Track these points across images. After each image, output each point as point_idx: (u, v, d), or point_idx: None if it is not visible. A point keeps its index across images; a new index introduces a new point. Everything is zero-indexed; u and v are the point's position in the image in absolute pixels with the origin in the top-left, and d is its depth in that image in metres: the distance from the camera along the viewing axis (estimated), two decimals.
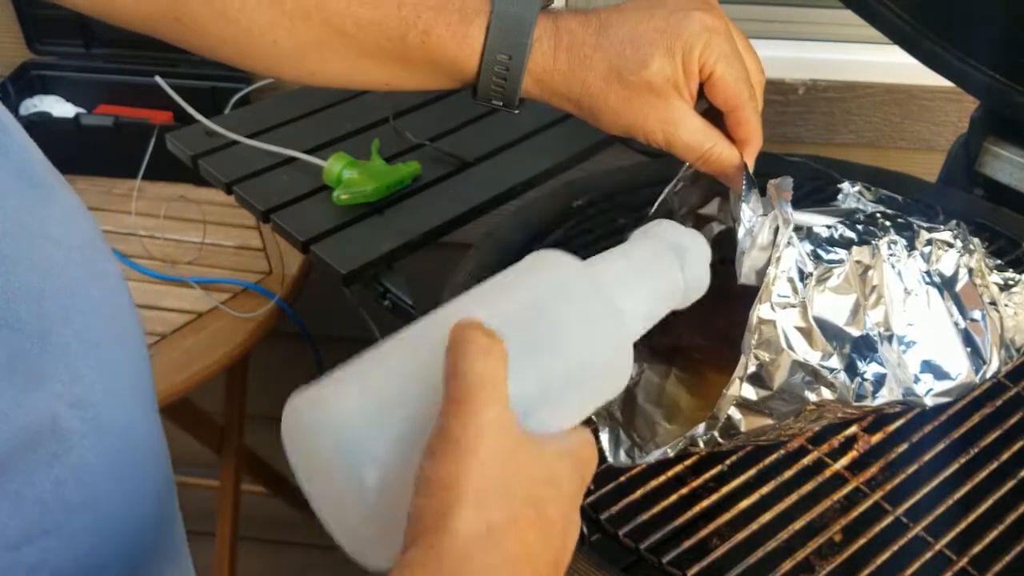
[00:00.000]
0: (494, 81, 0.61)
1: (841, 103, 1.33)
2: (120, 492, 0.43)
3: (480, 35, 0.59)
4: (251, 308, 1.17)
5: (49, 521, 0.38)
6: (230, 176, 0.98)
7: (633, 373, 0.70)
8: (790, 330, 0.60)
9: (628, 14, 0.60)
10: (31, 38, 1.37)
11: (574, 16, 0.61)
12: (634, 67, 0.59)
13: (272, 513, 1.83)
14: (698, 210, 0.74)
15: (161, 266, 1.21)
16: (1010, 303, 0.71)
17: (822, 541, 0.65)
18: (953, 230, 0.71)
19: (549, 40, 0.60)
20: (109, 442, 0.41)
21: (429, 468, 0.36)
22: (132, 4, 0.60)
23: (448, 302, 0.44)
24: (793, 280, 0.60)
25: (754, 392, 0.60)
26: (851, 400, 0.63)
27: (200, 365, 1.11)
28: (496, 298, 0.45)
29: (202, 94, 1.29)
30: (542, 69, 0.61)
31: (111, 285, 0.46)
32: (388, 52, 0.60)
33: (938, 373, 0.66)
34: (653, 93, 0.59)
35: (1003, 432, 0.71)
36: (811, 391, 0.61)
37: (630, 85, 0.59)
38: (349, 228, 0.93)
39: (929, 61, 0.95)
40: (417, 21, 0.59)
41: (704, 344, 0.74)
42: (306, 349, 1.40)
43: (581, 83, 0.60)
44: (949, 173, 1.05)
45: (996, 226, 0.92)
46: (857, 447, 0.70)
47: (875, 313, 0.64)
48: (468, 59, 0.60)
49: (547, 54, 0.60)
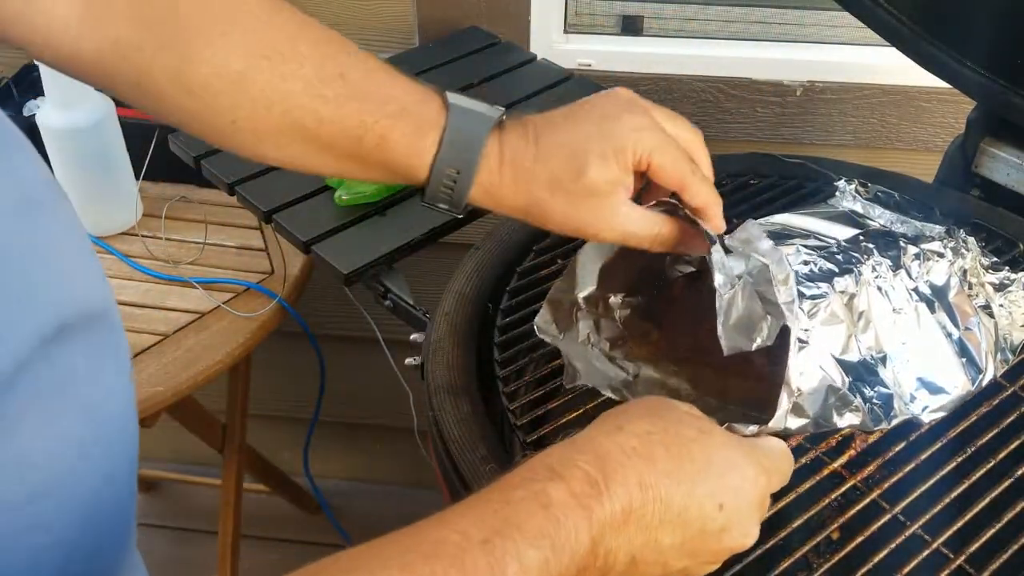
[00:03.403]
0: (442, 190, 0.64)
1: (838, 104, 1.34)
2: (101, 460, 0.45)
3: (433, 148, 0.62)
4: (253, 308, 1.18)
5: (43, 485, 0.40)
6: (232, 177, 0.99)
7: (631, 370, 0.71)
8: (824, 356, 0.62)
9: (560, 124, 0.64)
10: None
11: (513, 128, 0.64)
12: (573, 176, 0.62)
13: (274, 511, 1.83)
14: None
15: (163, 266, 1.21)
16: (1005, 302, 0.72)
17: (820, 539, 0.65)
18: (943, 238, 0.72)
19: (496, 156, 0.63)
20: (92, 415, 0.44)
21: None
22: (96, 65, 0.62)
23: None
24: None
25: (794, 422, 0.61)
26: (870, 426, 0.64)
27: (203, 364, 1.12)
28: None
29: None
30: (488, 183, 0.64)
31: (99, 283, 0.47)
32: (344, 149, 0.63)
33: (932, 388, 0.67)
34: (595, 196, 0.62)
35: (1000, 431, 0.72)
36: (839, 416, 0.62)
37: (572, 192, 0.62)
38: (350, 228, 0.93)
39: (926, 63, 0.95)
40: (375, 126, 0.62)
41: (704, 344, 0.75)
42: (308, 349, 1.41)
43: (526, 194, 0.63)
44: (946, 174, 1.05)
45: (993, 226, 0.92)
46: (855, 446, 0.70)
47: (866, 337, 0.66)
48: (419, 167, 0.63)
49: (493, 169, 0.63)
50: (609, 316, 0.73)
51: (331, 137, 0.63)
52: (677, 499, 0.49)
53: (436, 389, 0.77)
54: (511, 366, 0.80)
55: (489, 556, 0.43)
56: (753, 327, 0.60)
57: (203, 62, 0.61)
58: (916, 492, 0.67)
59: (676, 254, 0.70)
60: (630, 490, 0.48)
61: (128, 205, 1.27)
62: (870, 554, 0.63)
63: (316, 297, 1.53)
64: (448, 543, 0.43)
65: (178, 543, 1.81)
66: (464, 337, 0.82)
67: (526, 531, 0.44)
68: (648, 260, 0.70)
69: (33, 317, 0.40)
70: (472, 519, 0.45)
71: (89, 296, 0.46)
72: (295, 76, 0.61)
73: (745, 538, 0.53)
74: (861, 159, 1.07)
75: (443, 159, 0.62)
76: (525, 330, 0.82)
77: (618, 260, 0.71)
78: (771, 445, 0.56)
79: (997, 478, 0.68)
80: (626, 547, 0.48)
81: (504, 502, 0.46)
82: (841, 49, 1.34)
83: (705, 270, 0.73)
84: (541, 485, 0.47)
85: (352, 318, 1.51)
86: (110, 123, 1.20)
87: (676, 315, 0.75)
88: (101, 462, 0.45)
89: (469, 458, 0.72)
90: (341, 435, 1.86)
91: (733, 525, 0.51)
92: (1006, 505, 0.67)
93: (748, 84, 1.33)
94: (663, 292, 0.76)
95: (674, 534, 0.49)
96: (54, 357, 0.41)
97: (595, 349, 0.72)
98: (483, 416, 0.75)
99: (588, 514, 0.46)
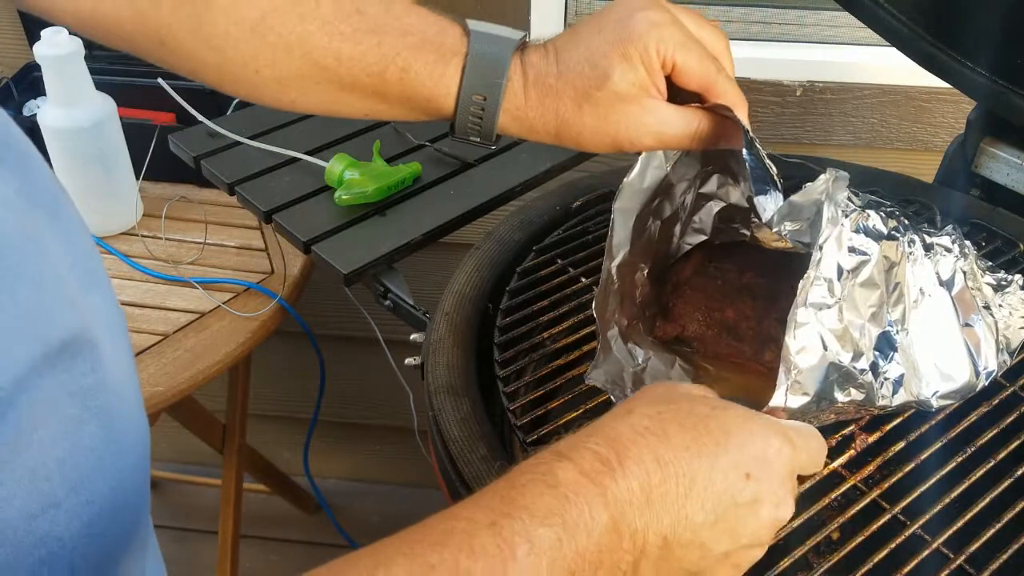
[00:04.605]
0: (471, 120, 0.63)
1: (838, 104, 1.34)
2: (113, 470, 0.45)
3: (456, 75, 0.61)
4: (253, 308, 1.18)
5: (54, 495, 0.40)
6: (232, 177, 0.99)
7: (640, 359, 0.71)
8: (825, 332, 0.59)
9: (578, 35, 0.62)
10: (34, 39, 1.37)
11: (534, 50, 0.63)
12: (598, 83, 0.60)
13: (274, 511, 1.84)
14: (699, 189, 0.74)
15: (163, 266, 1.21)
16: (1004, 304, 0.72)
17: (820, 539, 0.65)
18: (951, 234, 0.72)
19: (519, 78, 0.62)
20: (107, 426, 0.44)
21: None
22: (117, 26, 0.61)
23: None
24: (831, 281, 0.60)
25: (795, 400, 0.59)
26: (876, 401, 0.62)
27: (203, 364, 1.12)
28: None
29: (204, 96, 1.29)
30: (516, 107, 0.62)
31: (106, 291, 0.47)
32: (367, 86, 0.62)
33: (943, 375, 0.67)
34: (624, 102, 0.61)
35: (1000, 431, 0.72)
36: (841, 392, 0.60)
37: (600, 101, 0.61)
38: (350, 228, 0.93)
39: (926, 63, 0.95)
40: (396, 59, 0.61)
41: (709, 335, 0.75)
42: (308, 348, 1.41)
43: (555, 113, 0.62)
44: (946, 174, 1.05)
45: (993, 226, 0.92)
46: (855, 446, 0.70)
47: (895, 311, 0.64)
48: (445, 98, 0.62)
49: (518, 92, 0.62)
50: (631, 296, 0.73)
51: (352, 76, 0.62)
52: (701, 472, 0.46)
53: (436, 389, 0.77)
54: (511, 366, 0.80)
55: (497, 537, 0.41)
56: (800, 215, 0.59)
57: (220, 12, 0.61)
58: (916, 492, 0.67)
59: (685, 227, 0.68)
60: (647, 467, 0.45)
61: (128, 205, 1.27)
62: (870, 554, 0.63)
63: (316, 297, 1.53)
64: (455, 531, 0.41)
65: (178, 543, 1.81)
66: (464, 337, 0.82)
67: (535, 511, 0.42)
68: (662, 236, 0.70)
69: (47, 326, 0.40)
70: (478, 506, 0.43)
71: (101, 304, 0.46)
72: (312, 16, 0.61)
73: (780, 509, 0.49)
74: (861, 159, 1.07)
75: (468, 86, 0.61)
76: (525, 330, 0.83)
77: (645, 215, 0.71)
78: (799, 423, 0.54)
79: (997, 478, 0.68)
80: (655, 527, 0.45)
81: (510, 487, 0.44)
82: (841, 49, 1.34)
83: (717, 233, 0.73)
84: (547, 467, 0.45)
85: (352, 318, 1.51)
86: (110, 123, 1.20)
87: (685, 304, 0.75)
88: (113, 470, 0.45)
89: (469, 458, 0.72)
90: (341, 435, 1.86)
91: (765, 495, 0.48)
92: (1006, 505, 0.67)
93: (748, 84, 1.33)
94: (672, 276, 0.76)
95: (705, 510, 0.46)
96: (69, 366, 0.41)
97: (616, 329, 0.71)
98: (483, 416, 0.75)
99: (601, 491, 0.44)
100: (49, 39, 1.14)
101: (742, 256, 0.78)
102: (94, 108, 1.18)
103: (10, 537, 0.38)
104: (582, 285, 0.87)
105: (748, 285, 0.77)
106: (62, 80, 1.15)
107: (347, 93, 0.63)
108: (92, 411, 0.42)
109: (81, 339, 0.42)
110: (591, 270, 0.88)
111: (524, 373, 0.82)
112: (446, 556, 0.40)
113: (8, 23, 1.39)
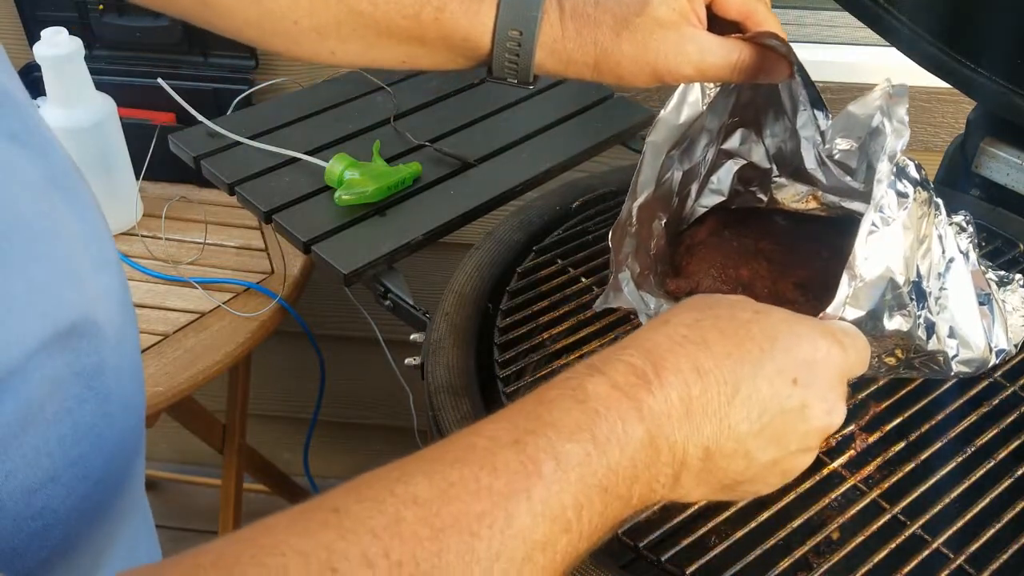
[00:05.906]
0: (507, 57, 0.62)
1: (839, 104, 1.33)
2: (109, 446, 0.45)
3: (491, 12, 0.61)
4: (253, 308, 1.18)
5: (54, 471, 0.41)
6: (232, 177, 0.99)
7: (652, 306, 0.71)
8: (892, 247, 0.56)
9: None
10: (34, 39, 1.38)
11: None
12: (637, 9, 0.60)
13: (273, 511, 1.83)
14: (721, 144, 0.74)
15: (163, 266, 1.21)
16: (1006, 301, 0.72)
17: (820, 539, 0.65)
18: (965, 215, 0.71)
19: (555, 11, 0.62)
20: (106, 408, 0.45)
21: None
22: None
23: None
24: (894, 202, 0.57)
25: (851, 312, 0.55)
26: (914, 338, 0.59)
27: (203, 364, 1.12)
28: None
29: (204, 96, 1.29)
30: (552, 40, 0.62)
31: (116, 270, 0.48)
32: (404, 30, 0.63)
33: (963, 342, 0.66)
34: (664, 28, 0.60)
35: (1000, 431, 0.72)
36: (890, 317, 0.58)
37: (639, 28, 0.60)
38: (350, 228, 0.93)
39: (926, 63, 0.95)
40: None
41: (723, 291, 0.74)
42: (308, 348, 1.41)
43: (593, 43, 0.61)
44: (947, 174, 1.05)
45: (993, 226, 0.92)
46: (855, 446, 0.70)
47: (923, 264, 0.62)
48: (481, 36, 0.62)
49: (555, 24, 0.62)
50: (646, 245, 0.72)
51: (388, 19, 0.62)
52: (744, 380, 0.44)
53: (436, 389, 0.77)
54: (511, 366, 0.80)
55: (521, 455, 0.39)
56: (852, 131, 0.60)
57: None
58: (916, 492, 0.67)
59: (702, 187, 0.68)
60: (686, 377, 0.43)
61: (128, 205, 1.27)
62: (870, 554, 0.63)
63: (316, 297, 1.53)
64: (476, 448, 0.39)
65: (178, 543, 1.80)
66: (464, 337, 0.82)
67: (561, 428, 0.40)
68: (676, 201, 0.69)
69: (58, 306, 0.41)
70: (503, 424, 0.41)
71: (111, 284, 0.47)
72: None
73: (831, 415, 0.47)
74: None
75: (503, 20, 0.61)
76: (525, 331, 0.82)
77: (669, 160, 0.70)
78: (845, 324, 0.52)
79: (997, 478, 0.68)
80: (695, 438, 0.43)
81: (537, 403, 0.42)
82: (841, 49, 1.34)
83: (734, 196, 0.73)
84: (577, 381, 0.43)
85: (352, 318, 1.51)
86: (111, 123, 1.20)
87: (699, 261, 0.75)
88: (110, 446, 0.45)
89: None
90: (341, 435, 1.86)
91: (814, 400, 0.46)
92: (1006, 505, 0.66)
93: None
94: (686, 238, 0.75)
95: (750, 419, 0.45)
96: (76, 345, 0.42)
97: (628, 273, 0.70)
98: (483, 416, 0.75)
99: (636, 405, 0.42)
100: (49, 39, 1.14)
101: (757, 225, 0.78)
102: (94, 108, 1.18)
103: (10, 510, 0.38)
104: (582, 285, 0.87)
105: (763, 250, 0.76)
106: (62, 80, 1.15)
107: (384, 39, 0.63)
108: (93, 390, 0.43)
109: (88, 320, 0.43)
110: (591, 270, 0.88)
111: (524, 373, 0.82)
112: (466, 473, 0.38)
113: (8, 23, 1.39)
